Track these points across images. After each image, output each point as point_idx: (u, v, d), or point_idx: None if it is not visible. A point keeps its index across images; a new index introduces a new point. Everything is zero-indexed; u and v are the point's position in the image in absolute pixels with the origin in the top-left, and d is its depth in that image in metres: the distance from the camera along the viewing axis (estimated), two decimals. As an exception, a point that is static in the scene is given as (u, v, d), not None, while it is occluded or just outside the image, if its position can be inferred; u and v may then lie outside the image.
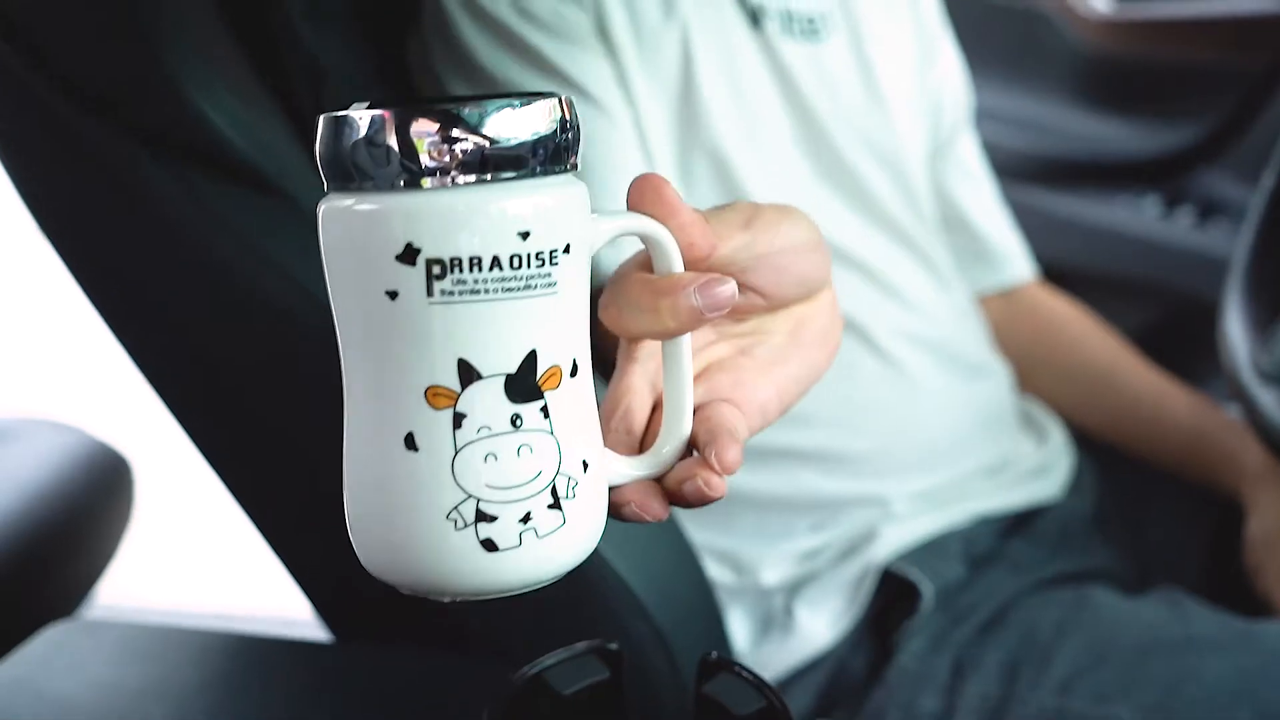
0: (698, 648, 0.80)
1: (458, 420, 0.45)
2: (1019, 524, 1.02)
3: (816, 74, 0.96)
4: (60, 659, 0.73)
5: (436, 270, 0.44)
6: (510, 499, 0.46)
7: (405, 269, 0.44)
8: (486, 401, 0.45)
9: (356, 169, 0.44)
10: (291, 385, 0.76)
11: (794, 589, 0.95)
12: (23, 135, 0.74)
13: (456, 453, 0.45)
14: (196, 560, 1.79)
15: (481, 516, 0.46)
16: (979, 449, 1.03)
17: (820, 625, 0.93)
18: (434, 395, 0.45)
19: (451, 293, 0.44)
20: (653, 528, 0.82)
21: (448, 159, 0.44)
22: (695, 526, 0.95)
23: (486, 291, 0.44)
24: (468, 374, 0.45)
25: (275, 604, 1.20)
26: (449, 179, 0.44)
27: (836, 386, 0.95)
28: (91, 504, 1.30)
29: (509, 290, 0.45)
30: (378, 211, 0.44)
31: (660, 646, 0.77)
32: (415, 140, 0.44)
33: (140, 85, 0.70)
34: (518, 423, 0.46)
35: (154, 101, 0.69)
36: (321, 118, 0.45)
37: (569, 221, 0.46)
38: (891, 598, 0.94)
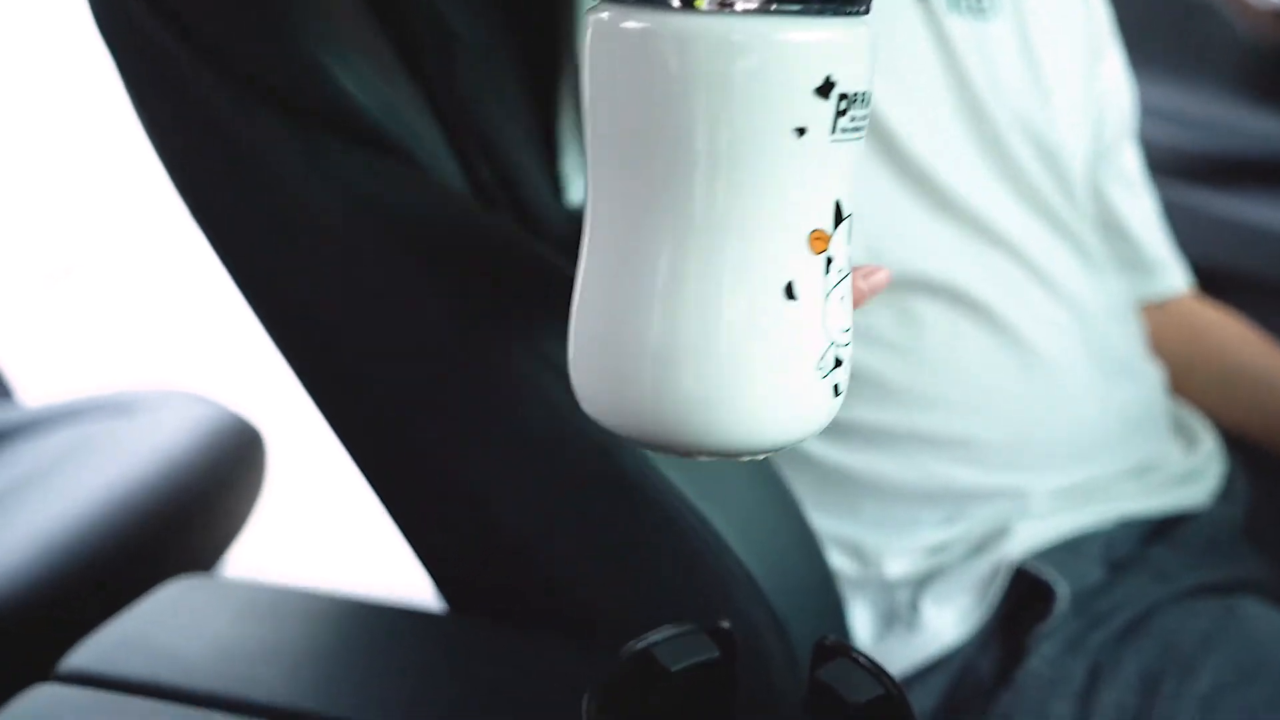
0: (815, 635, 0.77)
1: (828, 265, 0.44)
2: (1164, 529, 0.97)
3: (980, 52, 0.93)
4: (176, 614, 0.74)
5: (843, 105, 0.43)
6: (849, 340, 0.46)
7: (819, 103, 0.42)
8: (842, 243, 0.45)
9: None
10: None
11: (921, 583, 0.91)
12: (156, 99, 0.74)
13: (827, 298, 0.45)
14: (324, 534, 1.81)
15: (838, 362, 0.46)
16: (1125, 449, 0.98)
17: (947, 622, 0.90)
18: (816, 239, 0.44)
19: (848, 130, 0.43)
20: (776, 514, 0.79)
21: None
22: (819, 513, 0.92)
23: (858, 130, 0.44)
24: (839, 215, 0.44)
25: (401, 581, 1.20)
26: (842, 6, 0.43)
27: (973, 372, 0.91)
28: (224, 475, 1.32)
29: (861, 128, 0.44)
30: (801, 40, 0.42)
31: (776, 631, 0.74)
32: None
33: (268, 47, 0.69)
34: (848, 264, 0.46)
35: (280, 62, 0.69)
36: None
37: None
38: (1024, 598, 0.90)
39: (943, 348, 0.91)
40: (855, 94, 0.43)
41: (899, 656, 0.90)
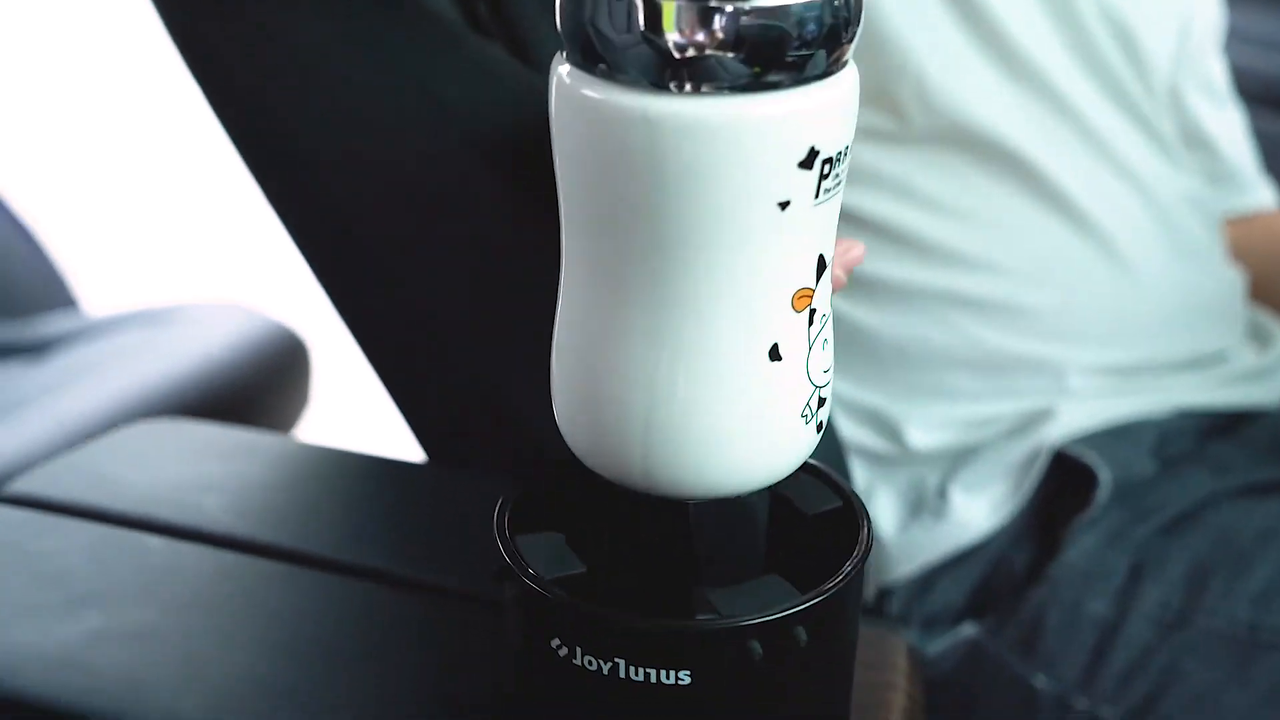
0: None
1: (811, 317, 0.44)
2: (1227, 426, 0.88)
3: None
4: (130, 449, 0.71)
5: (826, 169, 0.41)
6: (829, 379, 0.46)
7: (803, 175, 0.40)
8: (824, 288, 0.44)
9: (722, 71, 0.38)
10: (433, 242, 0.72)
11: (951, 466, 0.84)
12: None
13: (810, 349, 0.44)
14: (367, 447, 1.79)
15: (821, 401, 0.46)
16: (1188, 336, 0.89)
17: (978, 511, 0.83)
18: (800, 298, 0.43)
19: (831, 189, 0.42)
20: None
21: (820, 47, 0.39)
22: (840, 378, 0.85)
23: (841, 182, 0.42)
24: (821, 266, 0.44)
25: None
26: (821, 68, 0.40)
27: (1019, 235, 0.84)
28: (266, 383, 1.32)
29: (842, 178, 0.43)
30: (781, 116, 0.39)
31: None
32: (822, 29, 0.38)
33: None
34: (829, 300, 0.45)
35: None
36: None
37: None
38: (1063, 487, 0.82)
39: (988, 208, 0.84)
40: (839, 153, 0.41)
41: (925, 546, 0.83)
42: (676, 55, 0.38)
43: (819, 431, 0.46)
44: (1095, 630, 0.77)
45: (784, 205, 0.41)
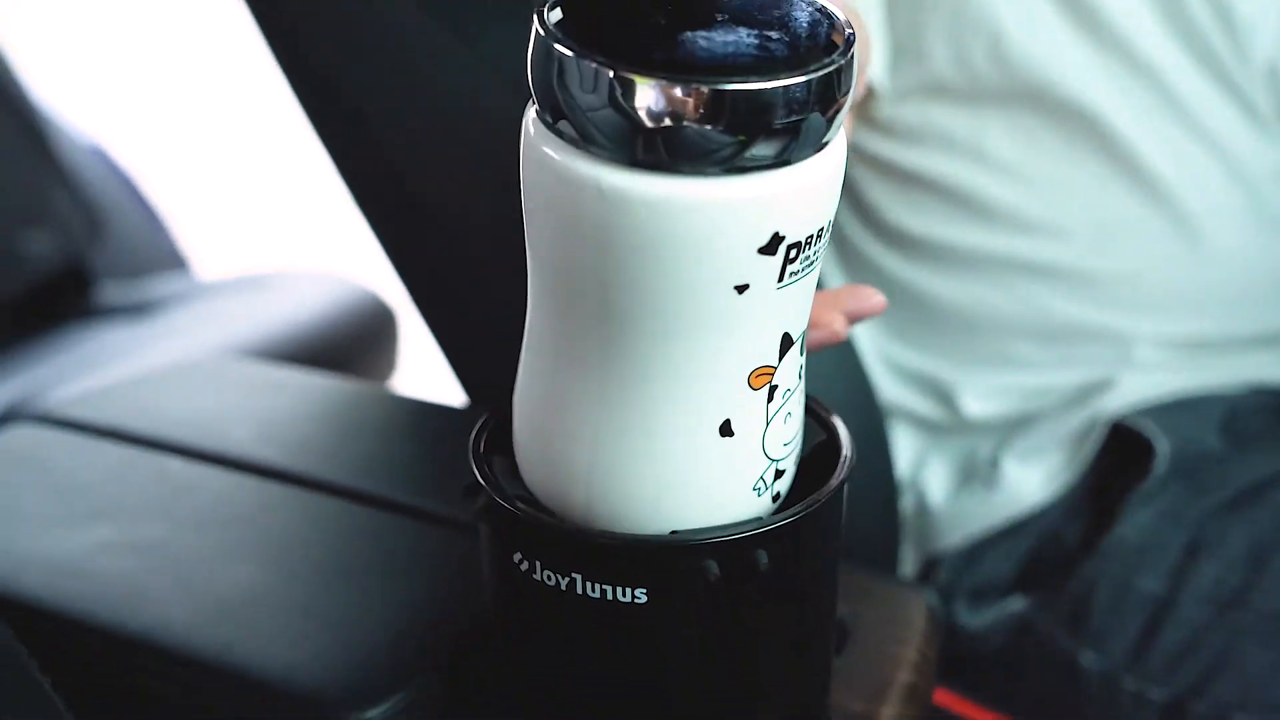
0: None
1: (771, 393, 0.43)
2: (1307, 406, 0.84)
3: None
4: (182, 382, 0.73)
5: (793, 254, 0.40)
6: (791, 450, 0.46)
7: (765, 260, 0.39)
8: (790, 364, 0.43)
9: (685, 148, 0.36)
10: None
11: (1006, 435, 0.82)
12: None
13: (768, 425, 0.43)
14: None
15: (779, 474, 0.45)
16: (1268, 311, 0.85)
17: (1032, 482, 0.80)
18: (757, 376, 0.42)
19: (799, 272, 0.40)
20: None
21: (792, 135, 0.38)
22: (897, 343, 0.84)
23: (815, 260, 0.41)
24: (786, 344, 0.43)
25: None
26: (790, 153, 0.38)
27: (1089, 200, 0.81)
28: (359, 350, 1.34)
29: (815, 260, 0.41)
30: (741, 200, 0.38)
31: None
32: (791, 111, 0.37)
33: None
34: (800, 373, 0.45)
35: None
36: (598, 72, 0.37)
37: None
38: (1122, 461, 0.79)
39: (1059, 172, 0.81)
40: (809, 237, 0.40)
41: (975, 517, 0.81)
42: (637, 129, 0.37)
43: (775, 501, 0.46)
44: (1146, 608, 0.74)
45: (741, 289, 0.39)
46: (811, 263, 0.41)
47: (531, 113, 0.40)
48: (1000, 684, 0.78)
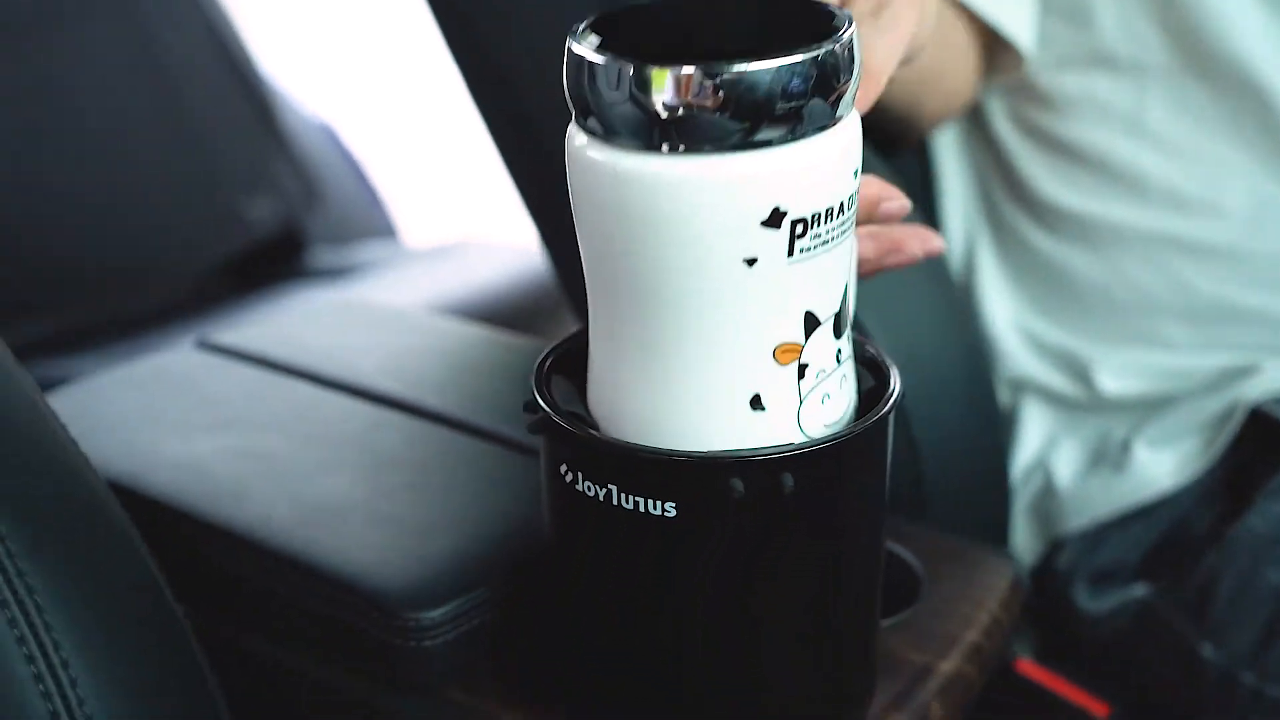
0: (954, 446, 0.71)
1: (801, 371, 0.45)
2: None
3: None
4: (326, 319, 0.78)
5: (799, 229, 0.42)
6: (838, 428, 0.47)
7: (770, 233, 0.42)
8: (822, 345, 0.45)
9: (692, 130, 0.41)
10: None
11: (1139, 419, 0.79)
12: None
13: (802, 403, 0.45)
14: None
15: None
16: None
17: (1163, 467, 0.77)
18: (783, 352, 0.45)
19: (809, 248, 0.43)
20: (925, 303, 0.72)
21: (790, 115, 0.41)
22: (1040, 318, 0.82)
23: (832, 239, 0.44)
24: (812, 324, 0.45)
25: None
26: (791, 132, 0.42)
27: (1245, 181, 0.78)
28: (526, 320, 1.39)
29: (843, 232, 0.44)
30: (740, 176, 0.42)
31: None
32: (763, 100, 0.41)
33: None
34: (840, 357, 0.46)
35: None
36: (615, 67, 0.41)
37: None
38: (1261, 450, 0.76)
39: (1218, 147, 0.78)
40: (817, 213, 0.43)
41: (1100, 500, 0.79)
42: (638, 116, 0.41)
43: None
44: (1272, 602, 0.71)
45: (751, 262, 0.42)
46: (826, 241, 0.43)
47: (571, 125, 0.45)
48: (1116, 669, 0.76)
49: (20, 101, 1.39)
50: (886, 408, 0.48)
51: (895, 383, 0.49)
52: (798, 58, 0.41)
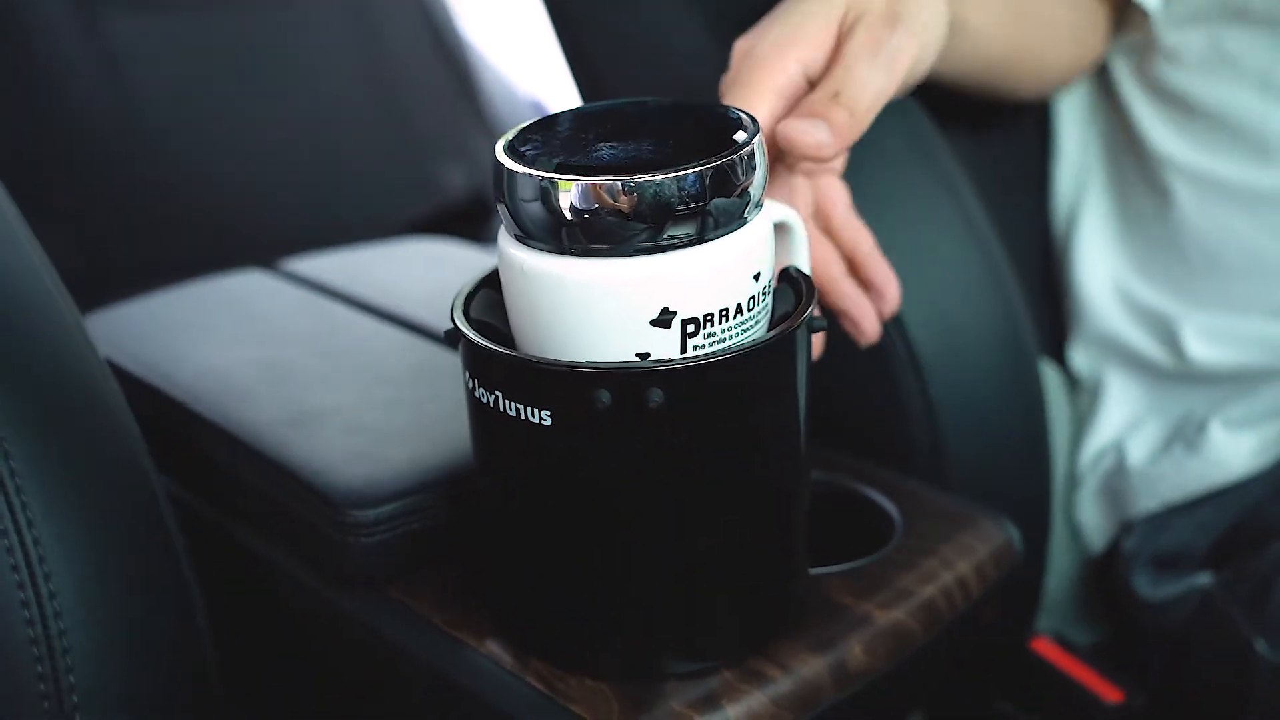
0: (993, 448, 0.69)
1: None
2: None
3: None
4: (399, 256, 0.82)
5: (690, 329, 0.46)
6: None
7: (660, 332, 0.45)
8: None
9: (585, 234, 0.45)
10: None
11: (1223, 396, 0.74)
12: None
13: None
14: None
15: None
16: None
17: (1240, 451, 0.72)
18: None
19: (704, 345, 0.46)
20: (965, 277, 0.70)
21: (683, 222, 0.44)
22: (1130, 270, 0.79)
23: (732, 336, 0.46)
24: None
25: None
26: (684, 239, 0.45)
27: None
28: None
29: (747, 330, 0.47)
30: (626, 279, 0.45)
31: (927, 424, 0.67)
32: (648, 208, 0.44)
33: None
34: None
35: None
36: (517, 175, 0.45)
37: (773, 246, 0.48)
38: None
39: None
40: (709, 314, 0.45)
41: (1173, 481, 0.74)
42: (539, 224, 0.45)
43: None
44: (1331, 601, 0.65)
45: (643, 356, 0.45)
46: (723, 339, 0.46)
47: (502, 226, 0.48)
48: (1169, 656, 0.72)
49: (246, 68, 1.50)
50: (777, 332, 0.47)
51: (806, 310, 0.48)
52: (682, 171, 0.44)
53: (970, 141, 0.81)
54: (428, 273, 0.79)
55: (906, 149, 0.69)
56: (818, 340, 0.56)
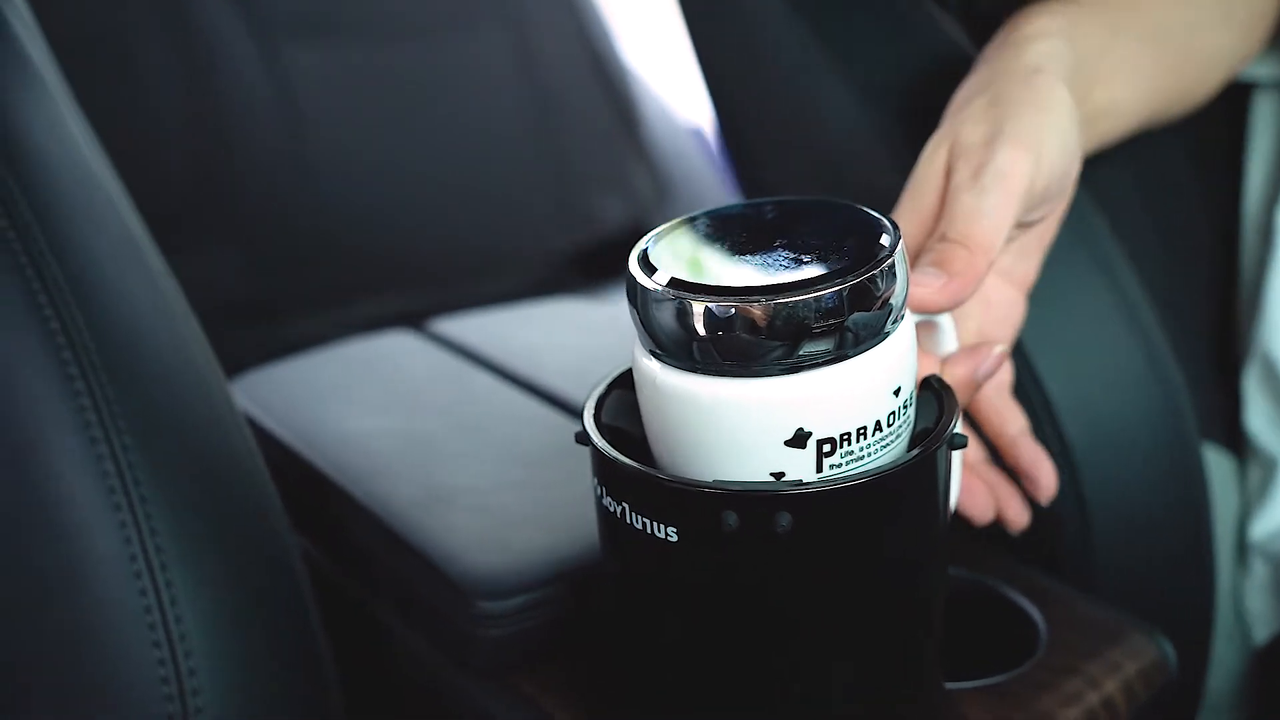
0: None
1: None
2: None
3: None
4: (538, 317, 0.82)
5: (826, 449, 0.45)
6: None
7: (795, 452, 0.44)
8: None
9: (718, 352, 0.44)
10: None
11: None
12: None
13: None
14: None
15: None
16: None
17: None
18: None
19: (840, 464, 0.45)
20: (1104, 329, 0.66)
21: (821, 339, 0.43)
22: None
23: (870, 455, 0.45)
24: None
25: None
26: (821, 356, 0.44)
27: None
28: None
29: (886, 446, 0.45)
30: (759, 400, 0.44)
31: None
32: (783, 328, 0.43)
33: None
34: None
35: None
36: (648, 291, 0.44)
37: (916, 356, 0.47)
38: None
39: None
40: (846, 433, 0.44)
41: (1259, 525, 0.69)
42: (673, 340, 0.44)
43: None
44: None
45: (778, 476, 0.44)
46: (861, 457, 0.45)
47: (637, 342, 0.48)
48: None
49: (406, 98, 1.53)
50: (913, 457, 0.45)
51: (948, 429, 0.47)
52: (820, 291, 0.42)
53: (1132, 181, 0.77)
54: (573, 338, 0.79)
55: (1065, 232, 0.66)
56: (958, 459, 0.54)
